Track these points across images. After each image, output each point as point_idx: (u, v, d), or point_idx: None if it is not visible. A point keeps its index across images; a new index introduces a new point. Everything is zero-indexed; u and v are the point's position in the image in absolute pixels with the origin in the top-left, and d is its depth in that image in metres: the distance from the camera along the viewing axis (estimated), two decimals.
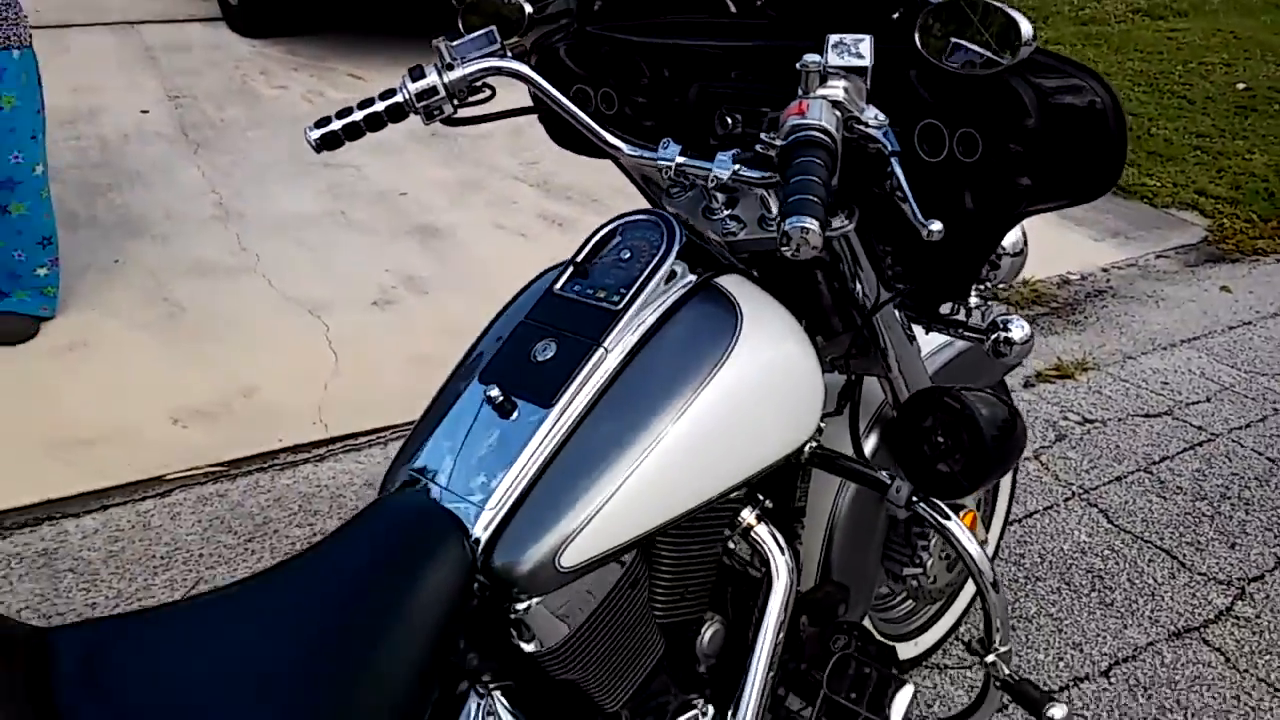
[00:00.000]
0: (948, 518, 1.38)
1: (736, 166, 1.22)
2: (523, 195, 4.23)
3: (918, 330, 1.59)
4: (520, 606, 1.11)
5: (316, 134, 1.37)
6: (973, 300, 1.58)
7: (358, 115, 1.36)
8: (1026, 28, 1.09)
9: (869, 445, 1.62)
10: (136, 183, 4.00)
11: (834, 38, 1.12)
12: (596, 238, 1.31)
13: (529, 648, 1.15)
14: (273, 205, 3.94)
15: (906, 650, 1.98)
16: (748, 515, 1.35)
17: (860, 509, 1.61)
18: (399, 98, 1.33)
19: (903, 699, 1.40)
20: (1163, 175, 5.07)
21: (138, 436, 2.58)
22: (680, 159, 1.28)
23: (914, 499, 1.38)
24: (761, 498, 1.40)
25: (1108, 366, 3.28)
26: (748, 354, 1.22)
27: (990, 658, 1.41)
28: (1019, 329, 1.59)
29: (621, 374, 1.18)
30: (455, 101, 1.35)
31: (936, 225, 1.04)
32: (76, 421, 2.60)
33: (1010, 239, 1.54)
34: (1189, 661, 2.07)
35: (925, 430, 1.30)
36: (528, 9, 1.42)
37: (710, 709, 1.39)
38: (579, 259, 1.30)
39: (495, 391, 1.17)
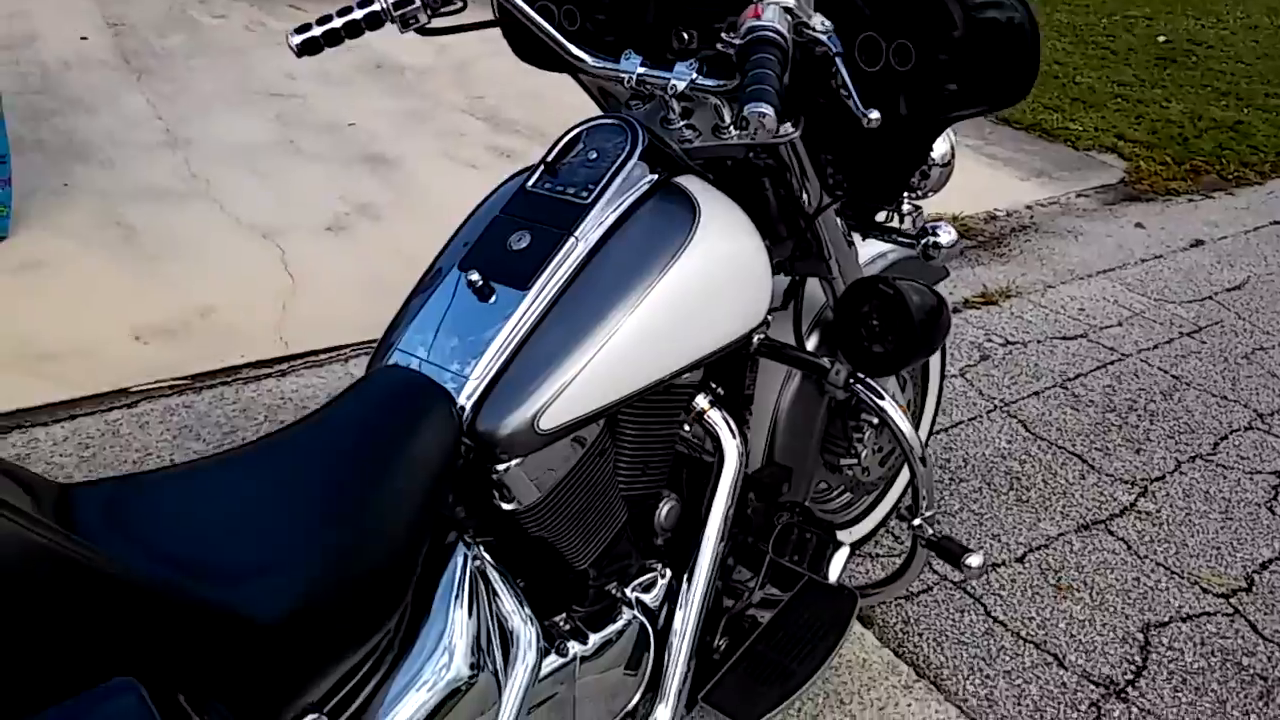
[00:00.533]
0: (882, 397, 1.54)
1: (694, 75, 1.35)
2: (470, 128, 4.29)
3: (856, 240, 1.73)
4: (501, 468, 1.24)
5: (298, 39, 1.44)
6: (905, 207, 1.73)
7: (337, 23, 1.44)
8: None
9: (810, 344, 1.77)
10: (80, 109, 3.98)
11: None
12: (564, 140, 1.43)
13: (508, 507, 1.27)
14: (220, 133, 3.95)
15: (842, 538, 2.15)
16: (701, 401, 1.50)
17: (801, 400, 1.76)
18: (376, 6, 1.42)
19: (840, 558, 1.57)
20: (1085, 120, 5.30)
21: (100, 352, 2.64)
22: (641, 69, 1.39)
23: (851, 380, 1.53)
24: (714, 385, 1.54)
25: (1029, 294, 3.48)
26: (705, 245, 1.35)
27: (917, 521, 1.58)
28: (946, 234, 1.74)
29: (591, 261, 1.30)
30: (429, 11, 1.44)
31: (875, 114, 1.18)
32: (38, 337, 2.65)
33: (939, 150, 1.69)
34: (1095, 549, 2.28)
35: (863, 315, 1.45)
36: None
37: (668, 573, 1.54)
38: (549, 159, 1.41)
39: (475, 276, 1.28)
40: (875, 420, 1.87)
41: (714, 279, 1.38)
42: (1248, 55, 6.84)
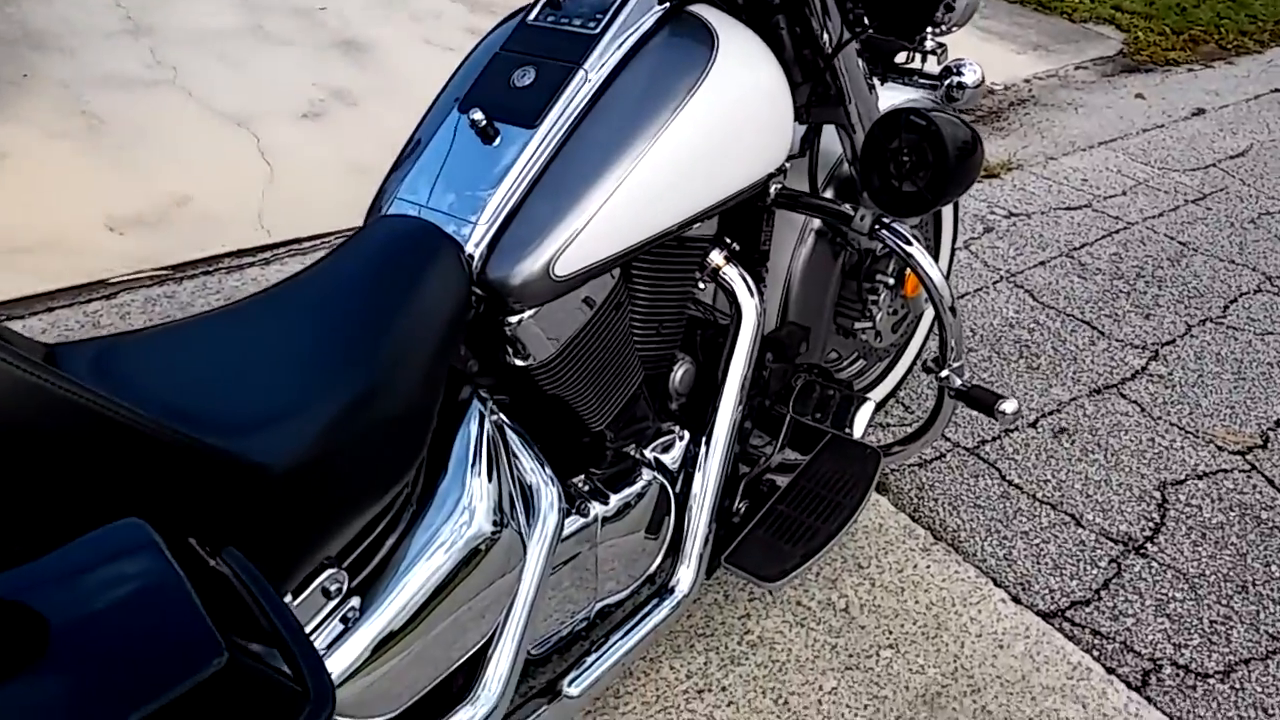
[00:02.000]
0: (909, 242, 1.46)
1: None
2: (446, 10, 4.11)
3: (875, 85, 1.64)
4: (514, 320, 1.16)
5: None
6: (928, 45, 1.64)
7: None
8: None
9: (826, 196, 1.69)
10: None
11: None
12: None
13: (522, 362, 1.20)
14: (183, 19, 3.76)
15: None
16: (716, 256, 1.42)
17: (817, 258, 1.68)
18: None
19: (865, 413, 1.51)
20: None
21: (75, 244, 2.52)
22: None
23: (877, 226, 1.45)
24: (729, 240, 1.46)
25: (1031, 167, 3.40)
26: (724, 77, 1.26)
27: (945, 372, 1.52)
28: (971, 73, 1.65)
29: (602, 96, 1.21)
30: None
31: None
32: (9, 230, 2.53)
33: None
34: (1108, 412, 2.24)
35: (893, 150, 1.37)
36: None
37: (686, 435, 1.48)
38: None
39: (478, 116, 1.18)
40: (891, 281, 1.81)
41: (734, 114, 1.29)
42: None
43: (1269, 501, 2.01)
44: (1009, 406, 1.42)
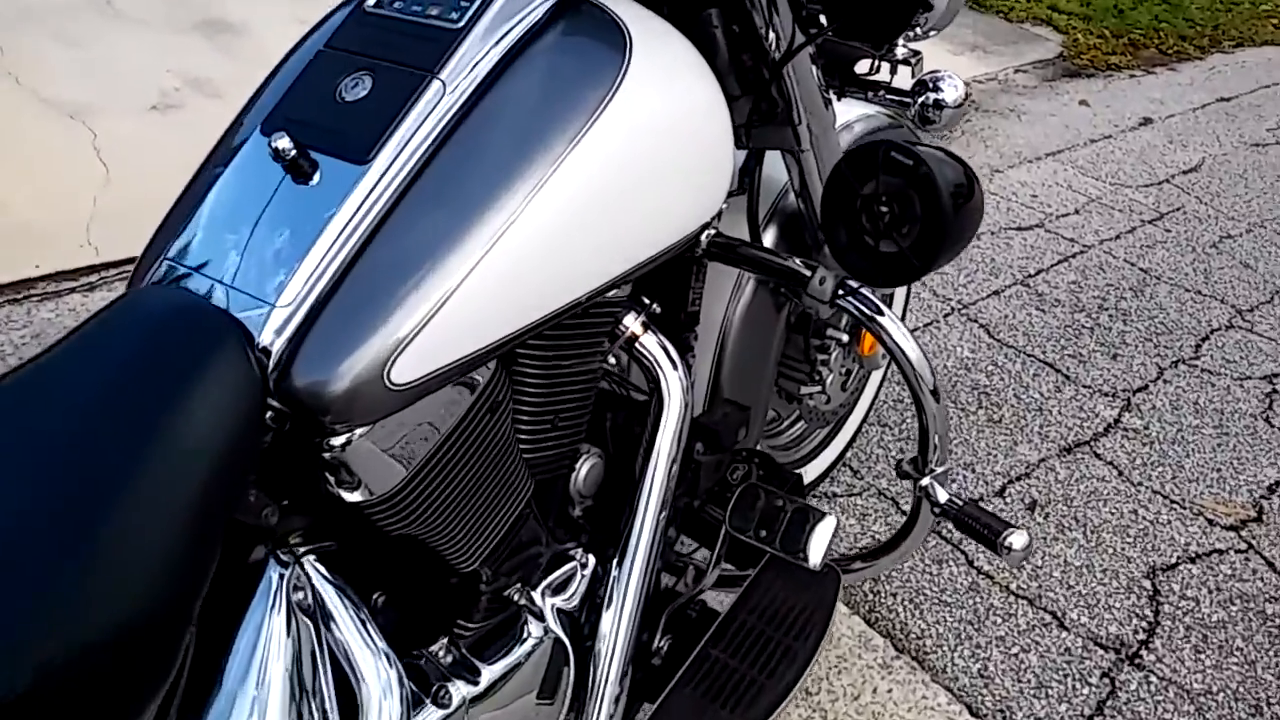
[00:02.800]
0: (881, 312, 1.11)
1: None
2: None
3: (832, 100, 1.30)
4: (337, 442, 0.79)
5: None
6: (899, 52, 1.32)
7: None
8: None
9: (768, 239, 1.35)
10: None
11: None
12: None
13: (353, 496, 0.83)
14: None
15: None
16: (632, 323, 1.06)
17: (755, 314, 1.34)
18: None
19: (823, 533, 1.16)
20: None
21: None
22: None
23: (841, 292, 1.11)
24: (648, 301, 1.11)
25: None
26: (641, 88, 0.90)
27: (925, 480, 1.17)
28: (951, 88, 1.34)
29: (466, 118, 0.84)
30: None
31: None
32: None
33: None
34: (1083, 477, 1.94)
35: (865, 199, 1.02)
36: None
37: (590, 559, 1.12)
38: None
39: (285, 143, 0.81)
40: (844, 338, 1.48)
41: (656, 143, 0.93)
42: None
43: (1273, 591, 1.73)
44: (1018, 541, 1.08)
